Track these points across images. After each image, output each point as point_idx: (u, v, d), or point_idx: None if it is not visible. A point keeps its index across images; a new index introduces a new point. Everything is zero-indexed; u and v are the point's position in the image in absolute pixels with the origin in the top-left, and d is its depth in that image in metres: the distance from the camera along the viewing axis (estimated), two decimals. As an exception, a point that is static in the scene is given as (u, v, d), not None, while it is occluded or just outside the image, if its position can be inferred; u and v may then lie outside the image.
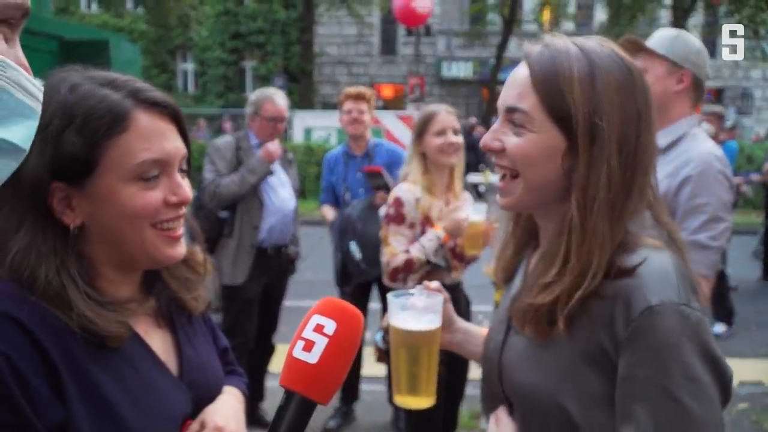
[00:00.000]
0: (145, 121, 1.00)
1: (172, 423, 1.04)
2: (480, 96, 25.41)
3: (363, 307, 3.91)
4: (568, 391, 1.00)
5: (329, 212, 4.13)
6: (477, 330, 1.37)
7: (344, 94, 4.06)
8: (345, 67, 26.70)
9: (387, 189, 3.63)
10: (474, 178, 9.26)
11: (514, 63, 1.14)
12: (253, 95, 3.85)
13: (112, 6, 25.38)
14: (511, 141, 1.06)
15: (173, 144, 1.03)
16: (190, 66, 27.43)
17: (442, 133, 2.87)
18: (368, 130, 4.07)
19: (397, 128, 12.81)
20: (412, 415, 2.74)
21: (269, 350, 4.05)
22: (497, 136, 1.09)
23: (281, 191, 3.79)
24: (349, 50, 26.83)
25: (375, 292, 3.91)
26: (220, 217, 3.65)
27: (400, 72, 26.01)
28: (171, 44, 26.53)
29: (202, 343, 1.20)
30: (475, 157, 10.28)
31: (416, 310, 1.22)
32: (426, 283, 1.28)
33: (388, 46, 26.95)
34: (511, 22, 21.55)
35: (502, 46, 21.32)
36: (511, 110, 1.06)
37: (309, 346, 0.92)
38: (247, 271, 3.65)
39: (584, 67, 1.01)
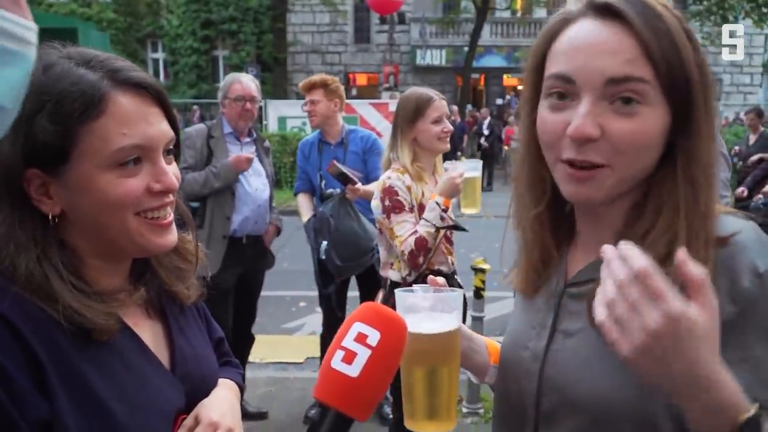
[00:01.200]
0: (123, 103, 0.93)
1: (164, 418, 1.00)
2: (454, 83, 25.44)
3: (345, 298, 3.92)
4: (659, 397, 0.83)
5: (304, 206, 4.01)
6: (479, 336, 1.14)
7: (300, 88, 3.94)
8: (319, 56, 26.50)
9: (348, 179, 3.56)
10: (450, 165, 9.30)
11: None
12: (223, 81, 3.81)
13: (80, -7, 24.84)
14: (620, 126, 0.83)
15: (156, 128, 0.96)
16: (160, 55, 26.98)
17: (439, 120, 2.78)
18: (337, 116, 3.90)
19: (371, 116, 12.78)
20: (397, 405, 2.73)
21: (248, 341, 4.03)
22: (595, 120, 0.83)
23: (255, 181, 3.72)
24: (322, 39, 26.62)
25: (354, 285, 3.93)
26: (190, 206, 3.57)
27: (375, 60, 25.91)
28: (140, 33, 26.07)
29: (195, 334, 1.15)
30: (452, 144, 10.27)
31: (424, 310, 0.98)
32: (431, 278, 1.07)
33: (362, 35, 26.80)
34: (484, 10, 21.62)
35: (475, 34, 21.38)
36: (619, 81, 0.82)
37: (350, 357, 0.84)
38: (219, 261, 3.57)
39: (679, 22, 0.85)
